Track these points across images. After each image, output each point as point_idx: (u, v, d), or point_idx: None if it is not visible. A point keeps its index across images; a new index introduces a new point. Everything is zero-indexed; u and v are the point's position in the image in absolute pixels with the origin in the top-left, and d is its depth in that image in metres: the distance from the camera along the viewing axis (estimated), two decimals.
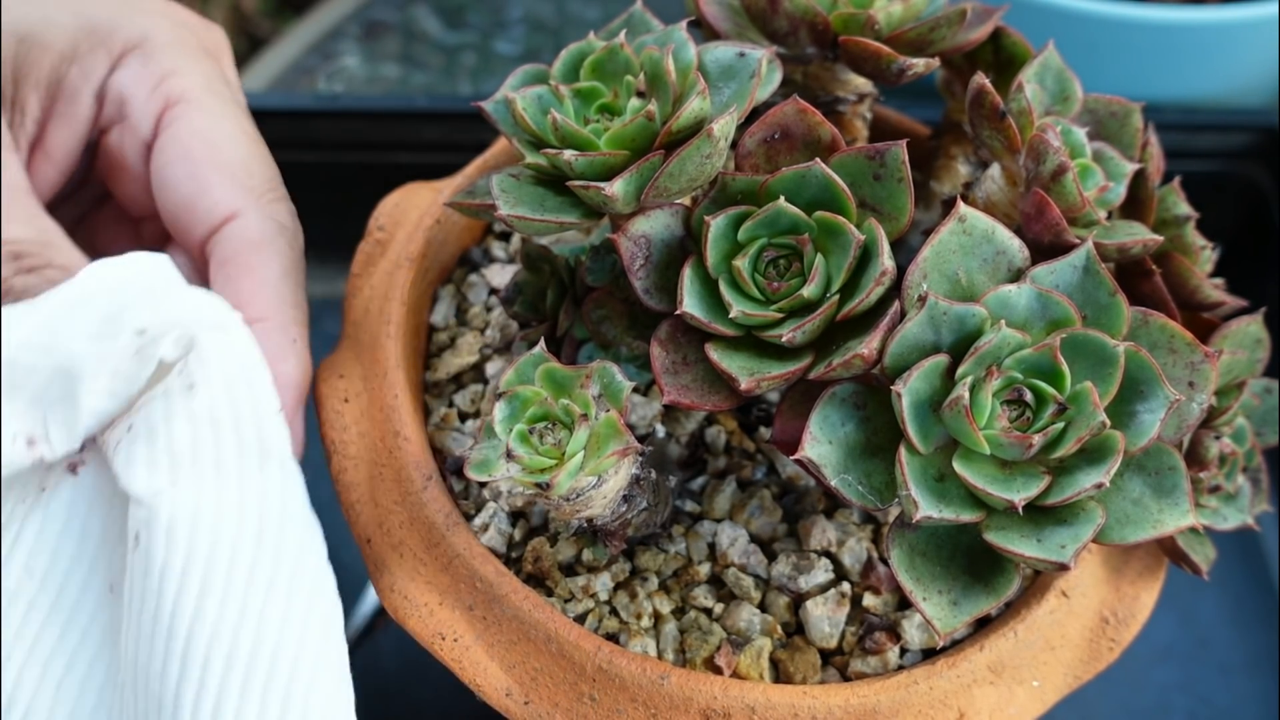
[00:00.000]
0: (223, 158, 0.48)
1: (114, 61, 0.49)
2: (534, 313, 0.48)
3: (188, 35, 0.51)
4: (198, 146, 0.48)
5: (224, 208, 0.47)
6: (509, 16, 0.96)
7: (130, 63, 0.49)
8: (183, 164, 0.48)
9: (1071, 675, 0.46)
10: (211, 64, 0.51)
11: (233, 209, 0.47)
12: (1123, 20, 0.71)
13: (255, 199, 0.48)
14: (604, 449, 0.39)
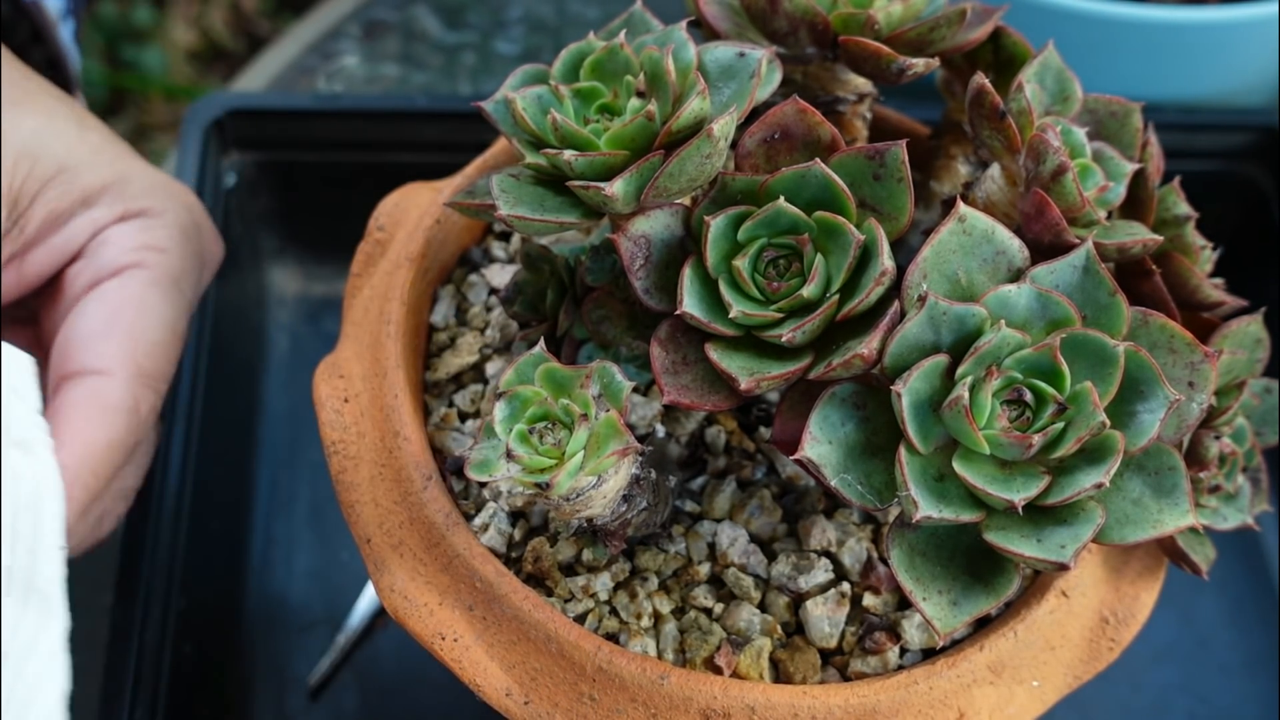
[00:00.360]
0: (140, 329, 0.50)
1: (123, 216, 0.52)
2: (534, 313, 0.48)
3: (195, 234, 0.54)
4: (128, 307, 0.50)
5: (104, 362, 0.49)
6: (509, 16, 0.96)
7: (134, 222, 0.52)
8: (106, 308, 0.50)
9: (1071, 675, 0.46)
10: (194, 265, 0.54)
11: (109, 368, 0.49)
12: (1123, 20, 0.71)
13: (135, 374, 0.49)
14: (604, 449, 0.39)
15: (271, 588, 0.67)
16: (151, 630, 0.56)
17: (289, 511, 0.69)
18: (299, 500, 0.70)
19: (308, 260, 0.78)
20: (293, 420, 0.72)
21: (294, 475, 0.70)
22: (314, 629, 0.65)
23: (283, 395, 0.73)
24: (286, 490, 0.70)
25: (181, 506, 0.59)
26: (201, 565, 0.61)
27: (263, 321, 0.76)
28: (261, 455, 0.71)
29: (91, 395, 0.48)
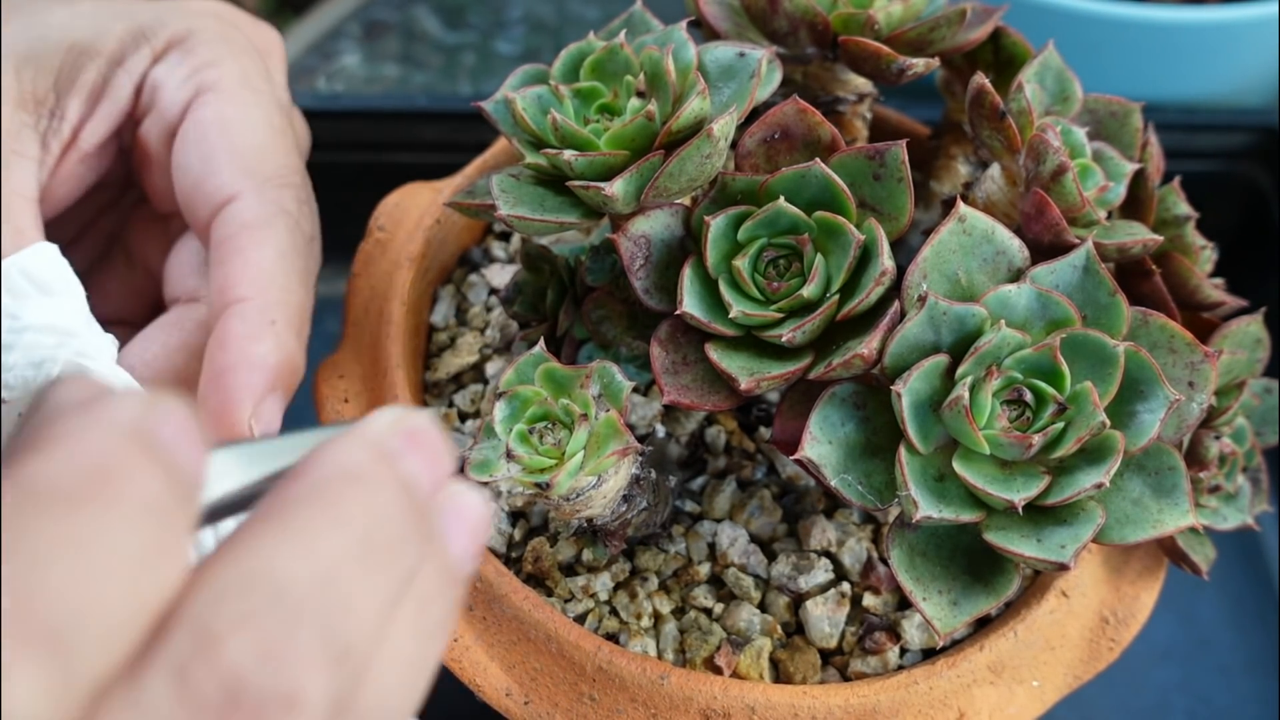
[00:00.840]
0: (236, 143, 0.47)
1: (155, 56, 0.49)
2: (534, 313, 0.48)
3: (234, 33, 0.51)
4: (214, 131, 0.48)
5: (227, 190, 0.47)
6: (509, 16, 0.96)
7: (170, 56, 0.49)
8: (197, 147, 0.48)
9: (1071, 675, 0.46)
10: (253, 59, 0.51)
11: (234, 191, 0.47)
12: (1123, 20, 0.71)
13: (258, 183, 0.47)
14: (604, 449, 0.39)
15: None
16: None
17: None
18: None
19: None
20: (293, 420, 0.72)
21: None
22: None
23: None
24: None
25: None
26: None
27: None
28: None
29: (234, 224, 0.46)
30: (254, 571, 0.22)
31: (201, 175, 0.47)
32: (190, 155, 0.48)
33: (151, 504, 0.21)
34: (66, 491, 0.20)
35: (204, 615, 0.21)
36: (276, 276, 0.45)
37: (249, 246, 0.45)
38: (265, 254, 0.45)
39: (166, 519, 0.21)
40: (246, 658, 0.21)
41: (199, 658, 0.20)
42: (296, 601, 0.22)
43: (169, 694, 0.20)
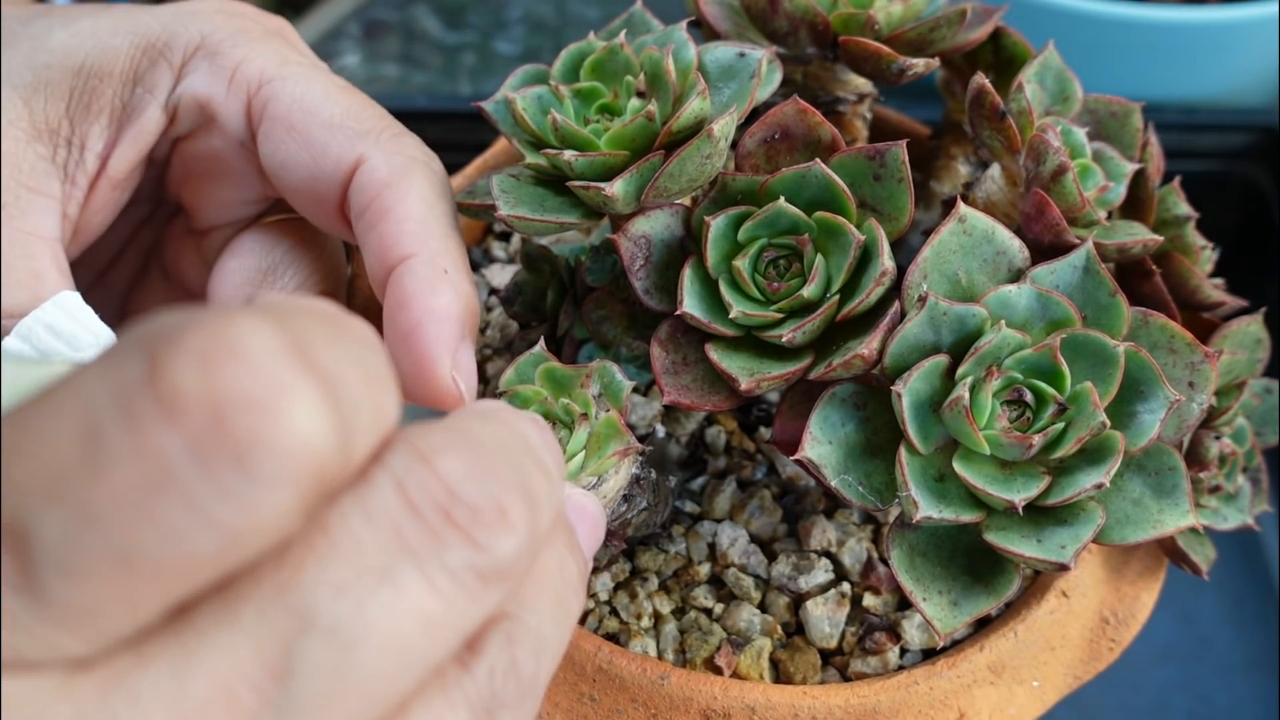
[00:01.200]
0: (325, 116, 0.46)
1: (178, 71, 0.48)
2: (534, 313, 0.48)
3: (247, 23, 0.49)
4: (298, 116, 0.46)
5: (346, 160, 0.45)
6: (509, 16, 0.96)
7: (196, 67, 0.48)
8: (291, 139, 0.46)
9: (1071, 675, 0.46)
10: (278, 42, 0.49)
11: (355, 157, 0.45)
12: (1123, 20, 0.71)
13: (374, 140, 0.45)
14: (604, 449, 0.39)
15: None
16: None
17: None
18: None
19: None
20: None
21: None
22: None
23: None
24: None
25: None
26: None
27: None
28: None
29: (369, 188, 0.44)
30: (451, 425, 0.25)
31: (310, 163, 0.46)
32: (289, 149, 0.46)
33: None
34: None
35: (417, 439, 0.24)
36: (431, 224, 0.44)
37: (394, 203, 0.44)
38: (412, 206, 0.44)
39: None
40: (457, 472, 0.24)
41: (415, 470, 0.23)
42: (492, 447, 0.25)
43: (392, 497, 0.23)
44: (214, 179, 0.49)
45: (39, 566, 0.20)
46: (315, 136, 0.45)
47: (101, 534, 0.20)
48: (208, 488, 0.20)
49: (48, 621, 0.20)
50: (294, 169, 0.46)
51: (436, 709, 0.24)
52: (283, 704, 0.22)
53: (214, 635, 0.22)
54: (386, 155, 0.45)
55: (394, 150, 0.45)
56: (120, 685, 0.21)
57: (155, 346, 0.20)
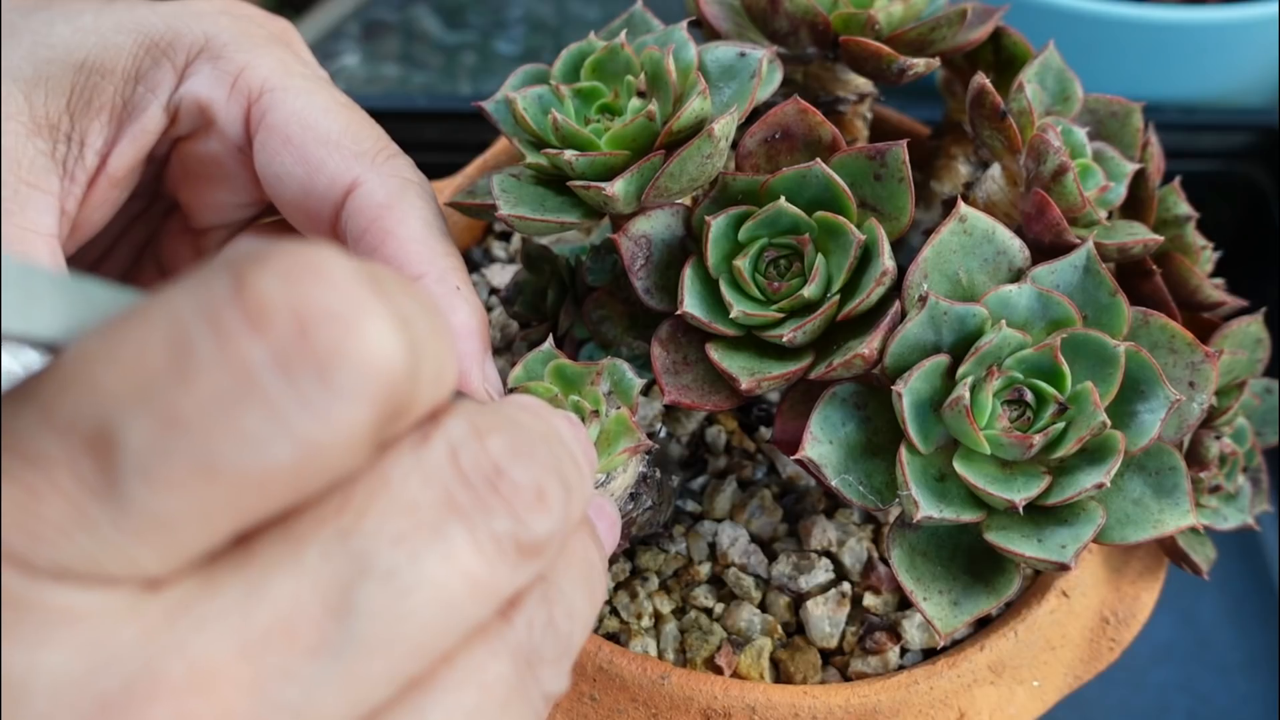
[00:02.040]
0: (323, 133, 0.46)
1: (181, 72, 0.48)
2: (534, 313, 0.48)
3: (251, 27, 0.49)
4: (295, 130, 0.46)
5: (342, 180, 0.45)
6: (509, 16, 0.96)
7: (199, 69, 0.48)
8: (286, 152, 0.46)
9: (1071, 675, 0.46)
10: (282, 49, 0.49)
11: (351, 179, 0.45)
12: (1123, 20, 0.71)
13: (370, 161, 0.46)
14: (615, 446, 0.39)
15: None
16: None
17: None
18: None
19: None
20: None
21: None
22: None
23: None
24: None
25: None
26: None
27: None
28: None
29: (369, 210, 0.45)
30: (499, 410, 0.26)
31: (306, 178, 0.46)
32: (283, 164, 0.46)
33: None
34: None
35: (470, 414, 0.25)
36: (434, 244, 0.44)
37: (395, 225, 0.44)
38: (415, 228, 0.44)
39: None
40: (505, 451, 0.25)
41: (469, 442, 0.25)
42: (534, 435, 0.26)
43: (445, 462, 0.24)
44: (211, 181, 0.49)
45: (123, 472, 0.21)
46: (311, 152, 0.46)
47: (187, 439, 0.21)
48: (290, 397, 0.21)
49: (128, 532, 0.21)
50: (288, 182, 0.46)
51: (480, 657, 0.25)
52: (339, 642, 0.23)
53: (279, 569, 0.22)
54: (383, 178, 0.45)
55: (390, 173, 0.45)
56: (187, 610, 0.22)
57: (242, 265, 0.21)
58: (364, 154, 0.46)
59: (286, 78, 0.47)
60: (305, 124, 0.46)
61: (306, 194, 0.46)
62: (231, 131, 0.47)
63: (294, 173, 0.46)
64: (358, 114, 0.48)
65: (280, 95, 0.47)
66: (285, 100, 0.47)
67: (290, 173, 0.46)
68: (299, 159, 0.46)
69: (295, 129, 0.46)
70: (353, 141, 0.46)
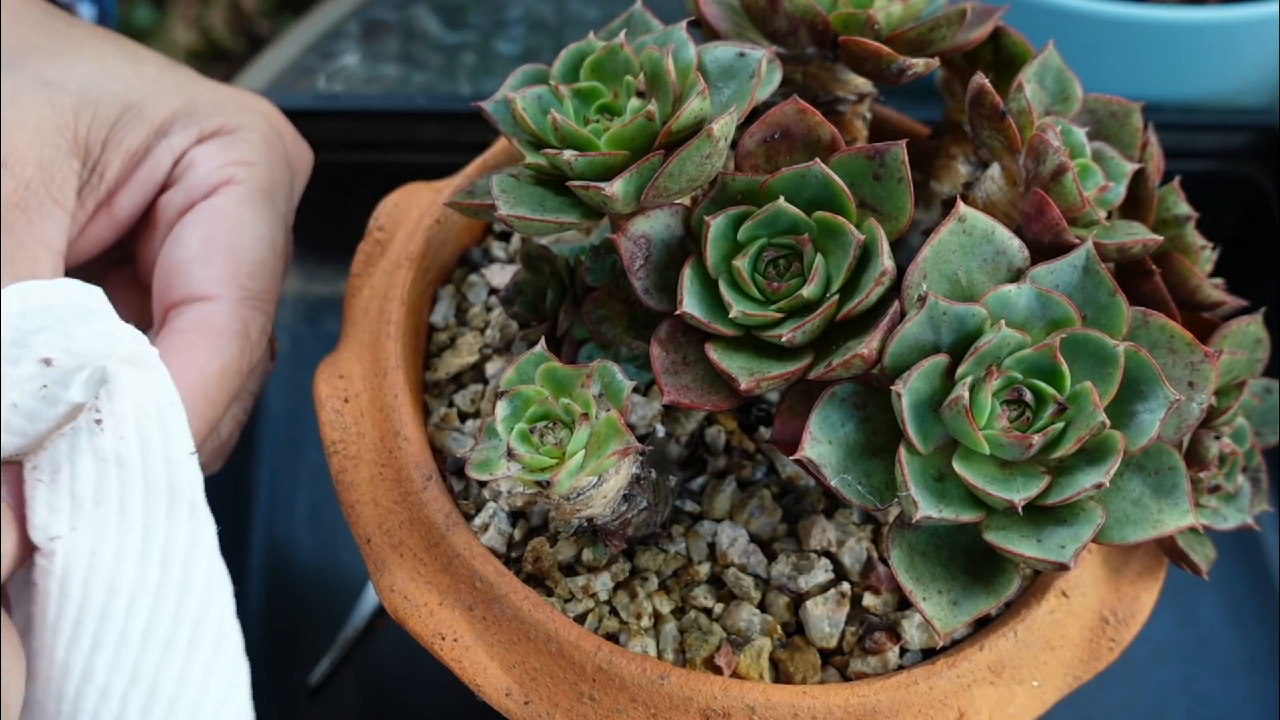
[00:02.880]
0: (238, 248, 0.48)
1: (201, 137, 0.50)
2: (534, 313, 0.48)
3: (278, 141, 0.52)
4: (224, 227, 0.49)
5: (210, 287, 0.47)
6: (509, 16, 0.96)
7: (215, 141, 0.50)
8: (203, 232, 0.48)
9: (1071, 675, 0.46)
10: (284, 174, 0.52)
11: (215, 293, 0.47)
12: (1123, 20, 0.71)
13: (240, 295, 0.48)
14: (605, 448, 0.39)
15: (271, 587, 0.67)
16: None
17: (289, 511, 0.69)
18: (299, 500, 0.70)
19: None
20: (293, 420, 0.72)
21: (294, 475, 0.70)
22: (314, 629, 0.65)
23: (283, 395, 0.73)
24: (286, 490, 0.70)
25: None
26: None
27: None
28: (261, 455, 0.71)
29: (199, 323, 0.47)
30: None
31: (194, 261, 0.48)
32: (191, 236, 0.48)
33: None
34: None
35: None
36: (209, 390, 0.46)
37: (200, 351, 0.46)
38: (211, 364, 0.46)
39: None
40: None
41: None
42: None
43: None
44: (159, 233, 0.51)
45: None
46: (214, 252, 0.48)
47: None
48: None
49: None
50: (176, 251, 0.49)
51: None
52: None
53: None
54: (233, 313, 0.48)
55: (241, 316, 0.48)
56: None
57: None
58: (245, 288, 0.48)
59: (261, 193, 0.50)
60: (233, 230, 0.49)
61: (179, 269, 0.48)
62: (195, 193, 0.50)
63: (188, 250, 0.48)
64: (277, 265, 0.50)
65: (243, 196, 0.49)
66: (241, 203, 0.49)
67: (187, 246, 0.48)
68: (202, 245, 0.48)
69: (223, 227, 0.49)
70: (249, 276, 0.48)
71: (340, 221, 0.64)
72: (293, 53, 0.93)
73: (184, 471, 0.40)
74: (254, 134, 0.51)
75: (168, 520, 0.40)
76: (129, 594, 0.39)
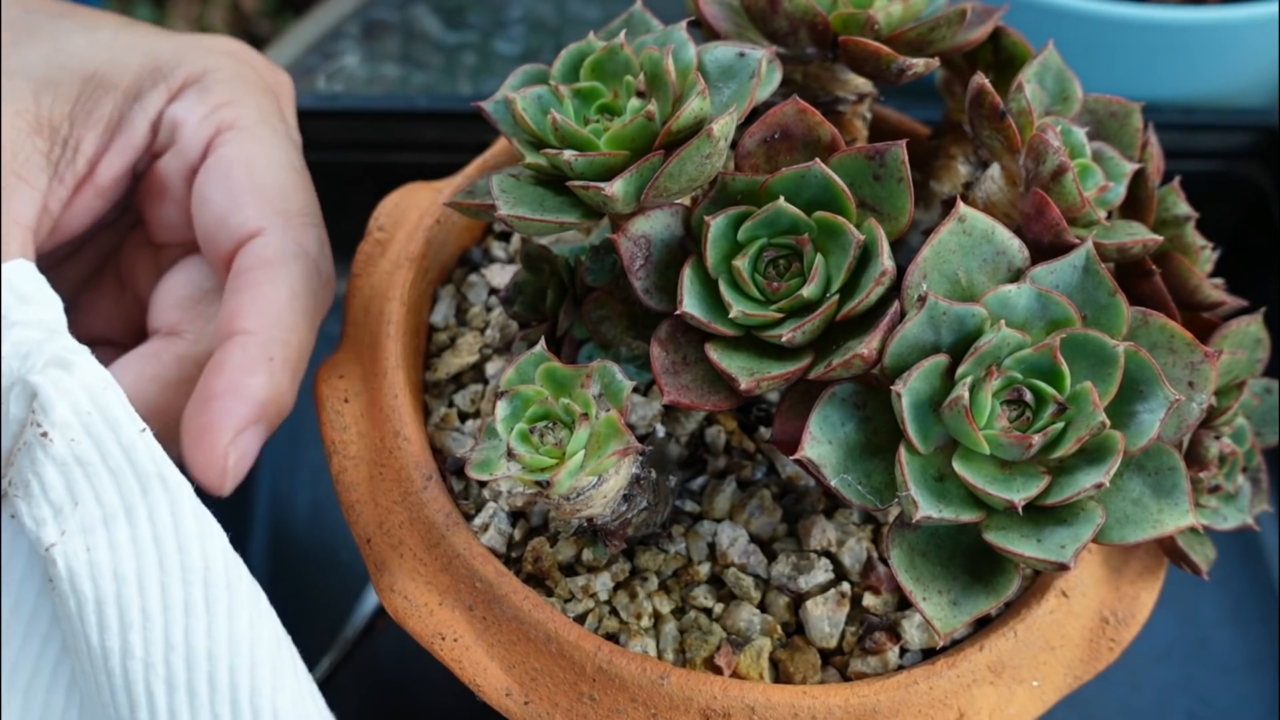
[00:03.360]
0: (260, 181, 0.49)
1: (172, 94, 0.50)
2: (534, 313, 0.48)
3: (250, 73, 0.52)
4: (238, 168, 0.49)
5: (251, 225, 0.48)
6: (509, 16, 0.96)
7: (188, 94, 0.50)
8: (221, 183, 0.49)
9: (1071, 675, 0.46)
10: (269, 100, 0.52)
11: (259, 226, 0.48)
12: (1123, 20, 0.71)
13: (283, 220, 0.48)
14: (604, 448, 0.39)
15: (272, 587, 0.67)
16: None
17: (289, 511, 0.69)
18: (299, 500, 0.70)
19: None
20: (293, 420, 0.72)
21: (294, 475, 0.70)
22: (314, 629, 0.65)
23: None
24: (286, 490, 0.70)
25: None
26: None
27: None
28: (261, 455, 0.71)
29: (256, 259, 0.47)
30: None
31: (226, 210, 0.48)
32: (214, 191, 0.49)
33: None
34: None
35: None
36: (285, 315, 0.47)
37: (265, 282, 0.47)
38: (279, 291, 0.47)
39: None
40: None
41: None
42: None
43: None
44: (166, 198, 0.51)
45: None
46: (239, 193, 0.48)
47: None
48: None
49: None
50: (208, 209, 0.49)
51: None
52: None
53: None
54: (282, 238, 0.48)
55: (293, 238, 0.48)
56: None
57: None
58: (283, 211, 0.48)
59: (257, 124, 0.50)
60: (249, 167, 0.49)
61: (219, 226, 0.48)
62: (190, 153, 0.50)
63: (217, 204, 0.49)
64: (301, 179, 0.50)
65: (241, 135, 0.50)
66: (243, 141, 0.49)
67: (214, 201, 0.49)
68: (227, 194, 0.48)
69: (238, 168, 0.49)
70: (280, 198, 0.49)
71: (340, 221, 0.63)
72: (293, 53, 0.93)
73: (140, 451, 0.41)
74: (223, 73, 0.51)
75: (145, 498, 0.41)
76: (136, 576, 0.40)
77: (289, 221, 0.48)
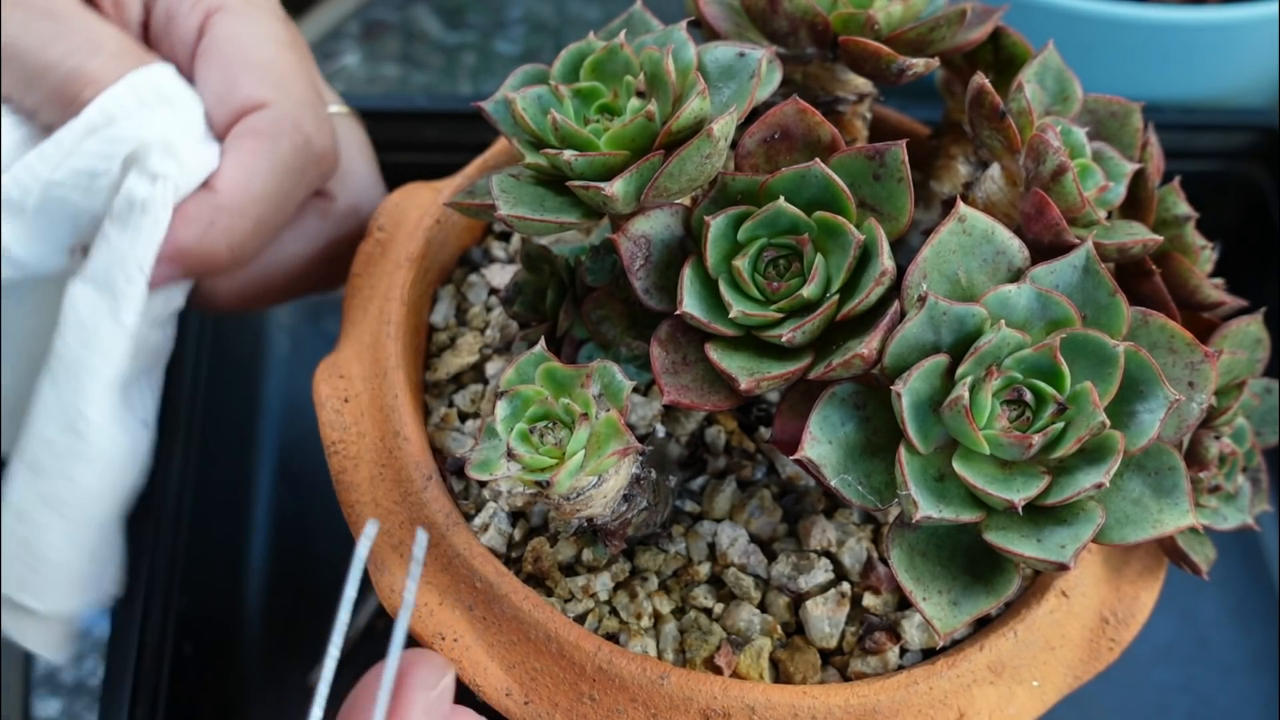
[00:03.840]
0: (252, 57, 0.51)
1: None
2: (534, 313, 0.48)
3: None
4: (230, 48, 0.51)
5: (247, 100, 0.50)
6: (509, 16, 0.96)
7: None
8: (217, 64, 0.51)
9: (1071, 675, 0.46)
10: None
11: (260, 100, 0.50)
12: (1123, 20, 0.71)
13: (285, 95, 0.50)
14: (604, 448, 0.39)
15: (271, 588, 0.67)
16: (151, 630, 0.56)
17: (289, 511, 0.69)
18: (299, 500, 0.70)
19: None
20: (293, 420, 0.72)
21: (294, 475, 0.70)
22: (314, 629, 0.65)
23: (283, 395, 0.73)
24: (287, 490, 0.70)
25: (181, 506, 0.59)
26: (201, 565, 0.61)
27: (263, 321, 0.76)
28: (261, 455, 0.71)
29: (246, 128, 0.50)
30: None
31: (223, 92, 0.50)
32: (211, 73, 0.51)
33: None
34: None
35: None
36: (253, 186, 0.49)
37: (247, 151, 0.49)
38: (259, 163, 0.49)
39: None
40: None
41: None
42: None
43: None
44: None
45: None
46: (234, 72, 0.51)
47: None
48: None
49: None
50: (208, 92, 0.51)
51: None
52: None
53: None
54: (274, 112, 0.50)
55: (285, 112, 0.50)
56: None
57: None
58: (284, 87, 0.51)
59: (244, 4, 0.52)
60: (240, 45, 0.51)
61: (220, 105, 0.51)
62: (187, 39, 0.52)
63: (215, 85, 0.51)
64: (293, 54, 0.53)
65: (228, 16, 0.52)
66: (230, 22, 0.51)
67: (213, 84, 0.51)
68: (223, 74, 0.51)
69: (229, 47, 0.51)
70: (275, 73, 0.51)
71: None
72: None
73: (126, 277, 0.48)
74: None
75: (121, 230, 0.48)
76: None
77: (289, 96, 0.50)
